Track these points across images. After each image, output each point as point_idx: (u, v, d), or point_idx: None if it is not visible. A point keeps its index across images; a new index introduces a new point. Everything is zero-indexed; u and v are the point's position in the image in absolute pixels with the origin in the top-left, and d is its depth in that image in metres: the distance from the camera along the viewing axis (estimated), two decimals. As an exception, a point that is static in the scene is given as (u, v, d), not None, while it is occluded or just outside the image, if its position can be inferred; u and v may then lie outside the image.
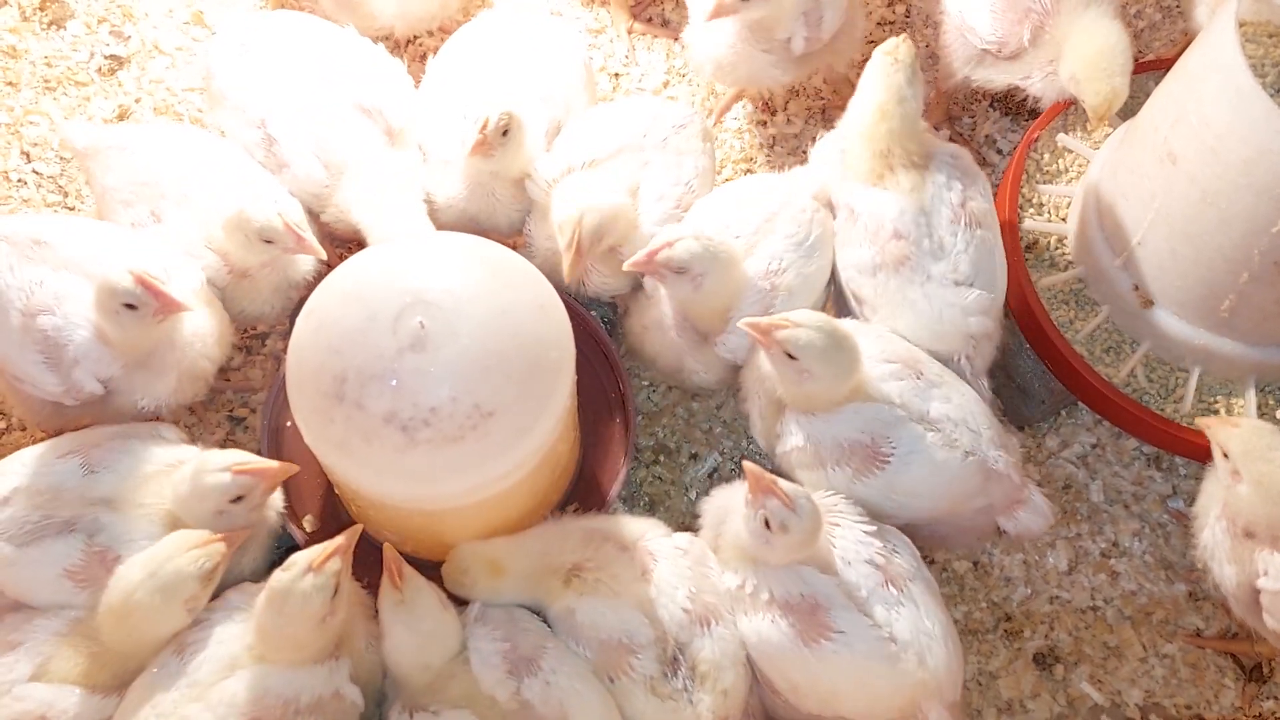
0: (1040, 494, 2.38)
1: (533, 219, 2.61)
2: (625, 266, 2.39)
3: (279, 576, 2.02)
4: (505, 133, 2.44)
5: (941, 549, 2.71)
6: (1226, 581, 2.33)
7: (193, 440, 2.41)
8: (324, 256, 2.49)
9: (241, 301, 2.57)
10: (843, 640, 2.09)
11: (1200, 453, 2.66)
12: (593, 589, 2.17)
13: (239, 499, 2.19)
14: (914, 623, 2.12)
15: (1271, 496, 2.20)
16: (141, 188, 2.53)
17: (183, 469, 2.22)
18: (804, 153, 3.14)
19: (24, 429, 2.81)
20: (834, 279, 2.56)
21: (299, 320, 2.20)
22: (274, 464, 2.23)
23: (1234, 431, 2.26)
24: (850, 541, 2.18)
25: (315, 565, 2.01)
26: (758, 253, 2.45)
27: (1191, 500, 2.80)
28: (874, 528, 2.22)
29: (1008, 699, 2.63)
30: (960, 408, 2.31)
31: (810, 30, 2.71)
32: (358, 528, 2.12)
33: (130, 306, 2.25)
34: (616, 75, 3.27)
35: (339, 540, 2.06)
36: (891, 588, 2.14)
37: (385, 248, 2.29)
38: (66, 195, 3.10)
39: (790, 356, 2.20)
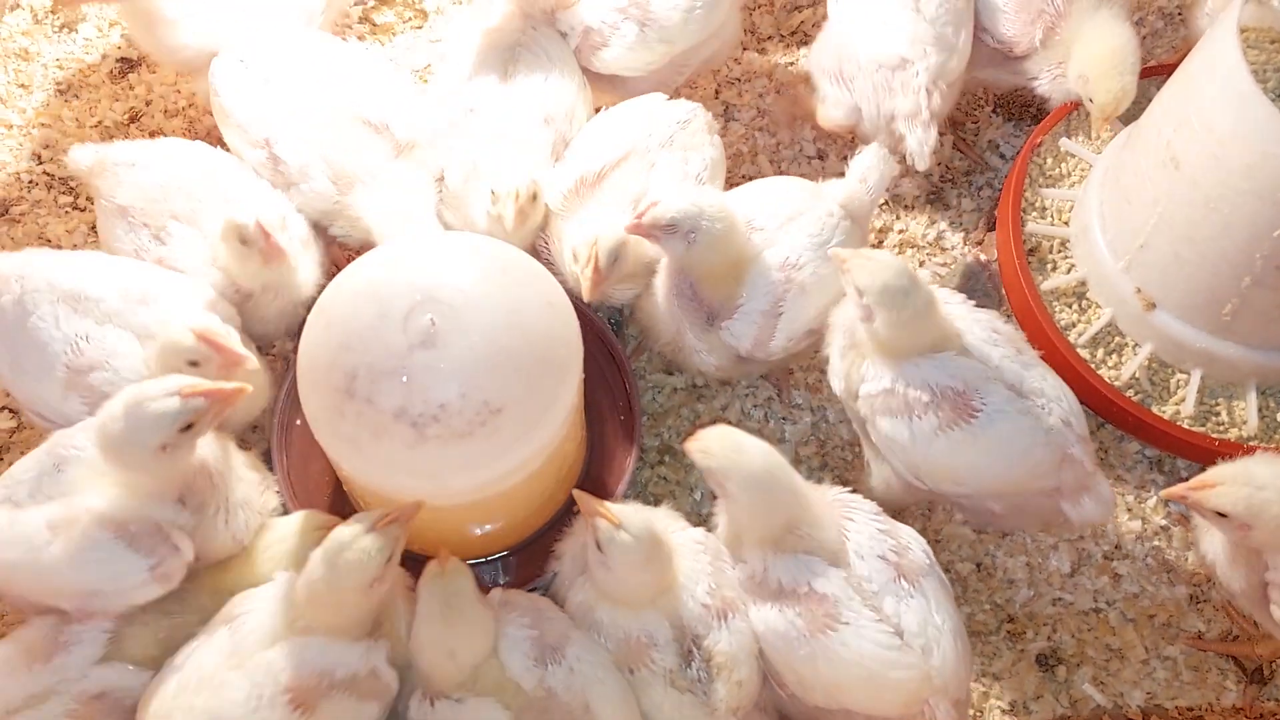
0: (1108, 485, 2.38)
1: (550, 231, 2.63)
2: (624, 228, 2.41)
3: (340, 530, 2.02)
4: (534, 197, 2.48)
5: (998, 529, 2.69)
6: (1235, 582, 2.33)
7: None
8: (285, 258, 2.45)
9: (249, 322, 2.55)
10: (849, 631, 2.10)
11: (1202, 455, 2.68)
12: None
13: (188, 427, 2.04)
14: (923, 616, 2.13)
15: None
16: (151, 204, 2.53)
17: (109, 404, 2.07)
18: (809, 160, 3.19)
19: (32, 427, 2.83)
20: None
21: (310, 318, 2.22)
22: (223, 383, 2.08)
23: (1218, 490, 2.16)
24: (864, 536, 2.19)
25: (378, 525, 2.02)
26: (778, 246, 2.48)
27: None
28: (887, 525, 2.23)
29: (1010, 700, 2.64)
30: (1055, 388, 2.32)
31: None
32: (420, 501, 2.10)
33: (194, 364, 2.21)
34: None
35: (404, 506, 2.07)
36: (904, 582, 2.15)
37: (396, 246, 2.31)
38: (77, 197, 3.12)
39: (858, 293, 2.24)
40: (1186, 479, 2.83)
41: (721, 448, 2.16)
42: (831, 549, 2.17)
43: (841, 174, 2.61)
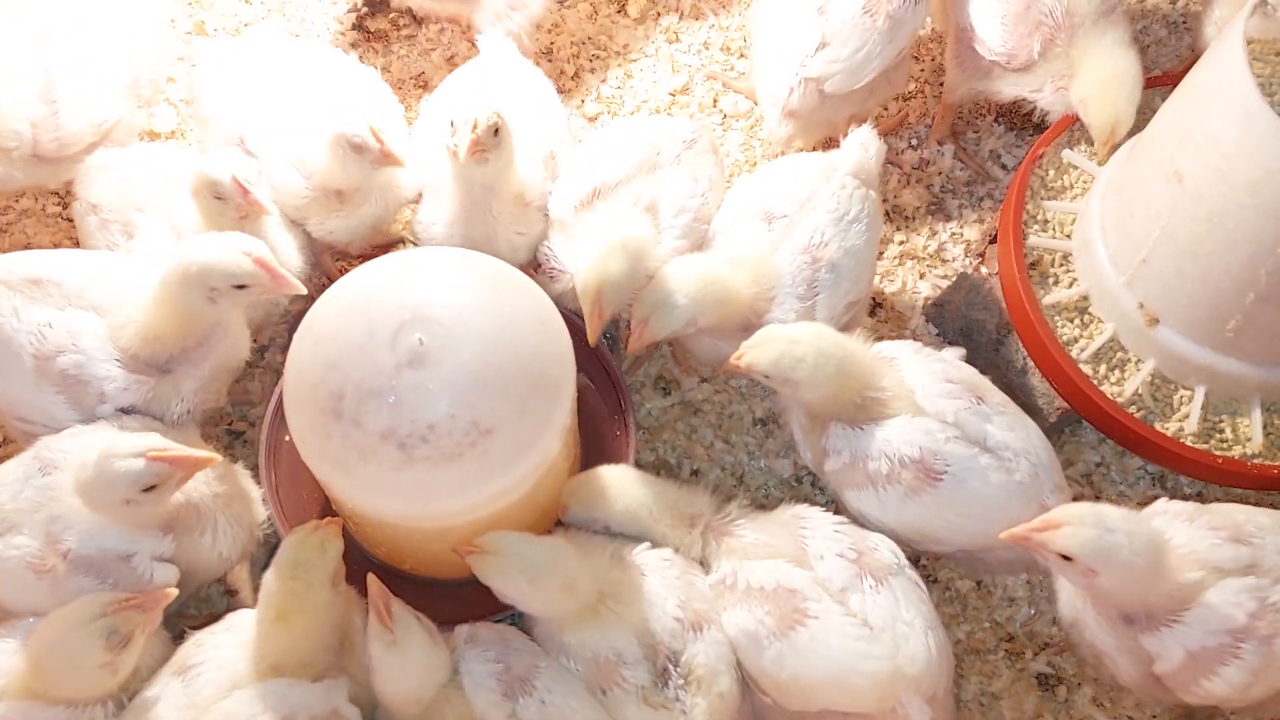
0: None
1: (553, 240, 2.61)
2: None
3: (287, 540, 2.09)
4: (496, 132, 2.41)
5: (995, 575, 2.68)
6: (1125, 673, 2.24)
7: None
8: (270, 212, 2.47)
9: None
10: (817, 625, 2.10)
11: (1205, 472, 2.65)
12: (606, 615, 2.17)
13: (151, 488, 2.07)
14: (890, 610, 2.13)
15: (1134, 578, 2.06)
16: (124, 204, 2.54)
17: (89, 451, 2.11)
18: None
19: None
20: None
21: (297, 335, 2.19)
22: (191, 451, 2.10)
23: (1065, 531, 2.04)
24: (820, 538, 2.21)
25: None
26: (800, 229, 2.48)
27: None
28: (844, 523, 2.25)
29: (1010, 720, 2.61)
30: (1022, 439, 2.29)
31: None
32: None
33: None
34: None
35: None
36: (869, 578, 2.15)
37: (384, 262, 2.27)
38: (65, 206, 3.08)
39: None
40: (1189, 496, 2.83)
41: None
42: (795, 553, 2.20)
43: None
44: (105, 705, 2.07)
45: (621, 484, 2.35)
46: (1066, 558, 2.04)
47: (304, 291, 2.31)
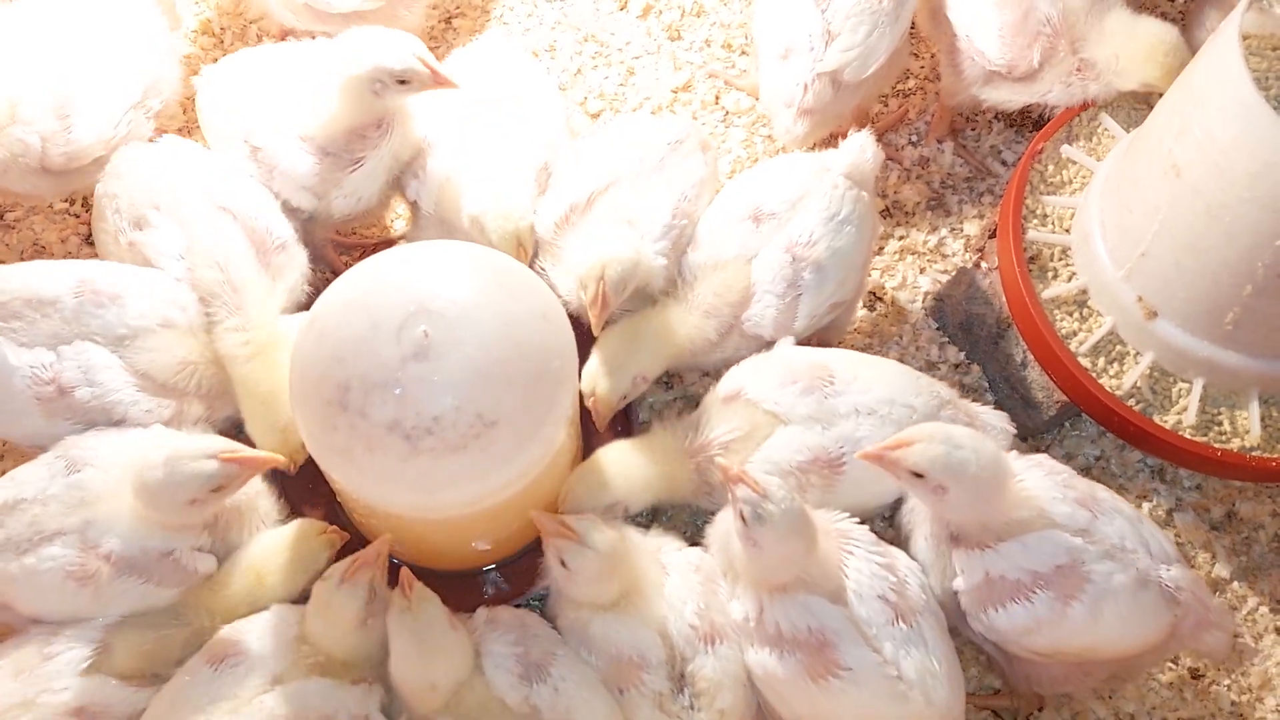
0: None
1: (544, 259, 2.59)
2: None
3: (319, 586, 2.12)
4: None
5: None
6: (939, 589, 2.28)
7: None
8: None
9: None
10: (850, 678, 2.07)
11: (1204, 464, 2.67)
12: (630, 610, 2.18)
13: (219, 488, 2.14)
14: (922, 663, 2.10)
15: (979, 495, 2.12)
16: (141, 199, 2.53)
17: (148, 454, 2.15)
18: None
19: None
20: None
21: (302, 328, 2.21)
22: (259, 453, 2.20)
23: (916, 448, 2.08)
24: (865, 575, 2.15)
25: (346, 576, 2.09)
26: (789, 228, 2.49)
27: (1197, 512, 2.81)
28: (886, 560, 2.20)
29: (1011, 714, 2.62)
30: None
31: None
32: (387, 538, 2.17)
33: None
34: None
35: (366, 552, 2.14)
36: (901, 624, 2.12)
37: (388, 256, 2.29)
38: (72, 203, 3.11)
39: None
40: (1189, 489, 2.84)
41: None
42: (832, 588, 2.13)
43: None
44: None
45: (619, 464, 2.37)
46: (918, 475, 2.09)
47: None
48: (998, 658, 2.37)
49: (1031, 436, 2.85)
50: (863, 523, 2.28)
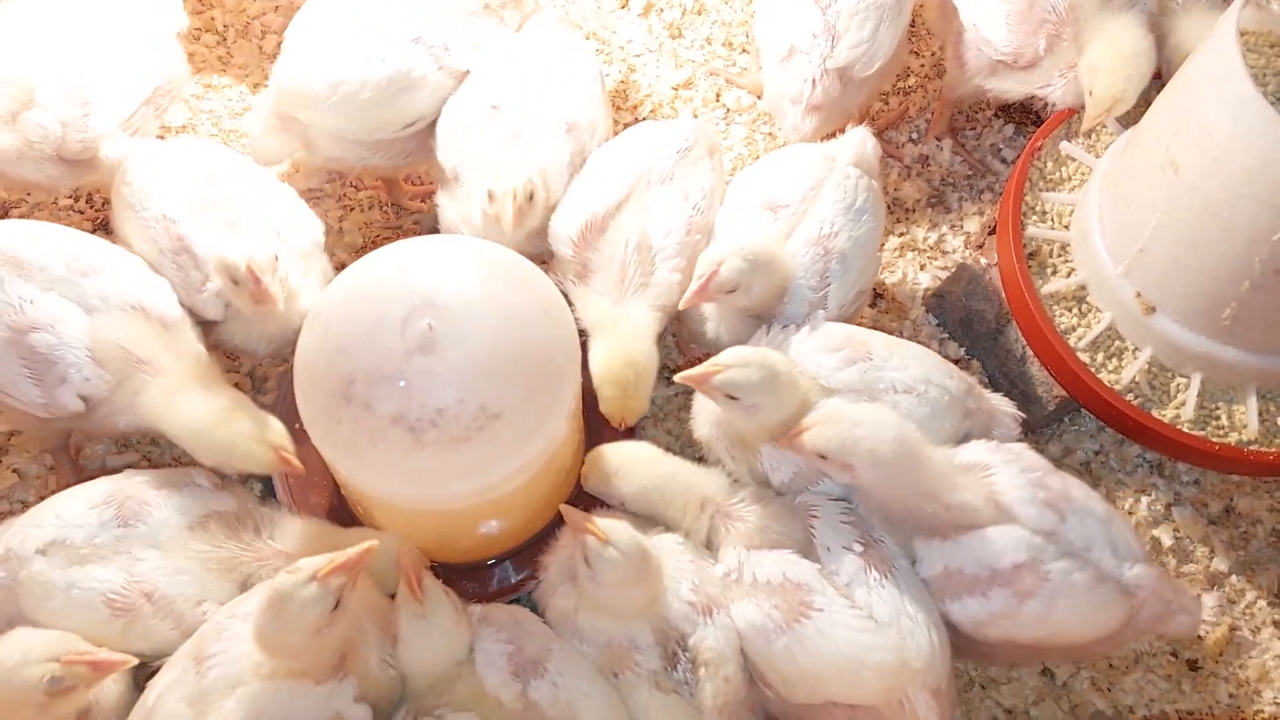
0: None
1: (564, 283, 2.54)
2: (682, 305, 2.42)
3: (283, 578, 1.95)
4: (531, 197, 2.46)
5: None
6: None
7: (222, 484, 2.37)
8: (274, 303, 2.36)
9: (234, 334, 2.53)
10: (823, 618, 2.12)
11: (1202, 459, 2.68)
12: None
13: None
14: (895, 605, 2.13)
15: (886, 473, 2.14)
16: (149, 196, 2.52)
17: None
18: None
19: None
20: None
21: (307, 321, 2.22)
22: (355, 550, 1.99)
23: (815, 430, 2.14)
24: (829, 530, 2.23)
25: (320, 575, 1.93)
26: (808, 220, 2.50)
27: (1195, 506, 2.83)
28: (851, 517, 2.26)
29: (1010, 705, 2.64)
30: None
31: None
32: (371, 544, 2.01)
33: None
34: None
35: (349, 554, 1.97)
36: (874, 571, 2.16)
37: (392, 250, 2.30)
38: (77, 199, 3.12)
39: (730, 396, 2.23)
40: (1187, 483, 2.86)
41: None
42: (801, 544, 2.22)
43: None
44: None
45: (638, 463, 2.37)
46: (823, 457, 2.14)
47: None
48: (951, 636, 2.37)
49: (1031, 431, 2.87)
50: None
